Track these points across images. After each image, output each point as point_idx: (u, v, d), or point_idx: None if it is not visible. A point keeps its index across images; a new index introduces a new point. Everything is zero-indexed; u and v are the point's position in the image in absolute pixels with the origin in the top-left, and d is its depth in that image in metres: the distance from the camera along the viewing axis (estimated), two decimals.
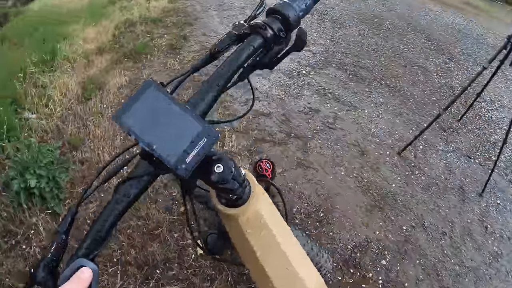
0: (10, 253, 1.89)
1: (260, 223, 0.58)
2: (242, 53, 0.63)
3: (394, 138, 2.96)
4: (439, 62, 4.70)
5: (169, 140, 0.45)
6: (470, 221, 2.39)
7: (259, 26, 0.65)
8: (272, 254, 0.59)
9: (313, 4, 0.71)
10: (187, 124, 0.47)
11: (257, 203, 0.58)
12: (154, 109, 0.46)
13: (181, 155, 0.45)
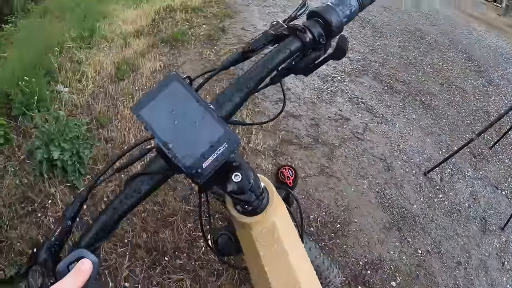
0: (25, 218, 1.95)
1: (274, 237, 0.55)
2: (277, 56, 0.60)
3: (422, 157, 2.88)
4: (477, 84, 4.53)
5: (187, 140, 0.43)
6: (488, 255, 2.30)
7: (299, 29, 0.61)
8: (280, 270, 0.56)
9: (358, 11, 0.67)
10: (209, 125, 0.44)
11: (274, 215, 0.54)
12: (175, 106, 0.44)
13: (198, 159, 0.42)
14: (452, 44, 5.90)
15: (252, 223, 0.53)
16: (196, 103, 0.44)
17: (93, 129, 2.49)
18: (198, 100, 0.44)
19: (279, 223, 0.55)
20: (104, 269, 1.75)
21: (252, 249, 0.56)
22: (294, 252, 0.57)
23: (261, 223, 0.53)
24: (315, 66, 0.66)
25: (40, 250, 0.45)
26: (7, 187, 2.07)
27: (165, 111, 0.44)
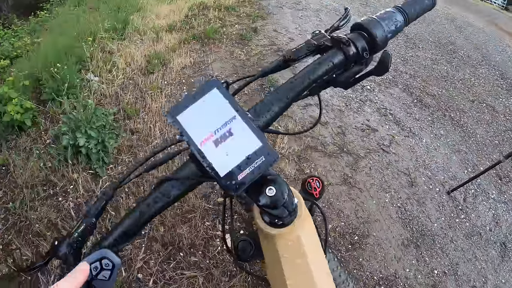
0: (45, 201, 2.02)
1: (299, 251, 0.54)
2: (319, 68, 0.58)
3: (447, 175, 2.81)
4: (509, 104, 4.39)
5: (224, 151, 0.43)
6: (505, 281, 2.22)
7: (343, 41, 0.58)
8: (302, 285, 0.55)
9: (404, 26, 0.64)
10: (247, 137, 0.43)
11: (301, 229, 0.53)
12: (214, 113, 0.43)
13: (233, 170, 0.42)
14: (485, 60, 5.76)
15: (278, 235, 0.52)
16: (235, 112, 0.44)
17: (120, 119, 2.54)
18: (238, 109, 0.44)
19: (305, 237, 0.54)
20: (120, 257, 1.78)
21: (276, 261, 0.55)
22: (317, 267, 0.56)
23: (287, 236, 0.52)
24: (356, 81, 0.63)
25: (62, 244, 0.45)
26: (31, 169, 2.14)
27: (202, 117, 0.43)
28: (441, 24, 7.09)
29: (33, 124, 2.47)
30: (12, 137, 2.41)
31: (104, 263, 0.44)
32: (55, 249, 0.45)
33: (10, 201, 2.01)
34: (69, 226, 1.88)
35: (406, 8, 0.65)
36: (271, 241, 0.55)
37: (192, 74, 3.23)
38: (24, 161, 2.20)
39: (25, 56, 3.62)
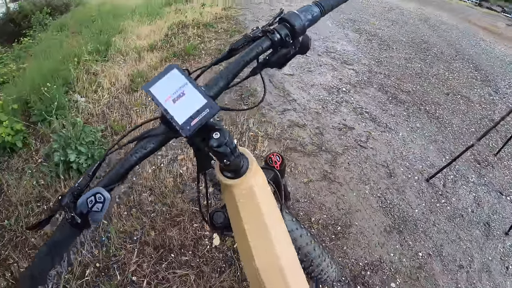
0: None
1: (252, 198, 0.67)
2: (251, 52, 0.72)
3: (425, 164, 2.93)
4: (483, 93, 4.57)
5: (181, 108, 0.57)
6: (491, 259, 2.31)
7: (269, 31, 0.73)
8: (256, 228, 0.66)
9: (320, 16, 0.80)
10: (197, 98, 0.58)
11: (252, 179, 0.66)
12: (173, 83, 0.59)
13: (188, 119, 0.56)
14: (459, 54, 5.97)
15: (234, 185, 0.65)
16: (189, 84, 0.59)
17: (107, 135, 2.64)
18: (191, 81, 0.59)
19: (257, 188, 0.67)
20: (113, 263, 1.85)
21: (234, 208, 0.67)
22: (269, 212, 0.69)
23: (241, 185, 0.66)
24: (286, 60, 0.78)
25: (64, 196, 0.55)
26: (24, 187, 2.22)
27: (166, 88, 0.58)
28: (415, 24, 7.33)
29: (24, 145, 2.57)
30: (4, 159, 2.50)
31: (97, 197, 0.54)
32: (59, 203, 0.56)
33: (5, 219, 2.08)
34: None
35: (323, 1, 0.80)
36: (229, 191, 0.67)
37: None
38: (18, 180, 2.28)
39: (12, 81, 3.72)
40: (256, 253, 0.66)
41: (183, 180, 2.34)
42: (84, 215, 0.54)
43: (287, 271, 0.68)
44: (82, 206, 0.53)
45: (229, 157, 0.61)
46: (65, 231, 0.54)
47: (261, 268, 0.66)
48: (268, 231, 0.67)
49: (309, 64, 4.31)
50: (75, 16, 7.03)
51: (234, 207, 0.67)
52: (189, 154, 2.53)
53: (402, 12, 8.35)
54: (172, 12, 6.00)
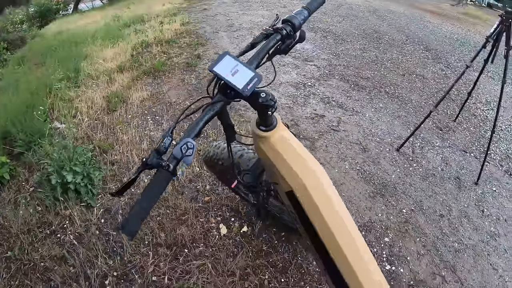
0: (45, 241, 2.15)
1: (286, 141, 0.99)
2: (269, 42, 1.04)
3: (393, 137, 3.22)
4: (436, 70, 4.97)
5: (238, 79, 0.84)
6: (467, 206, 2.59)
7: (279, 28, 1.06)
8: (295, 159, 0.97)
9: (308, 16, 1.15)
10: (247, 72, 0.85)
11: (282, 130, 0.97)
12: (228, 64, 0.86)
13: (245, 85, 0.83)
14: (409, 38, 6.39)
15: (269, 135, 0.96)
16: (239, 63, 0.86)
17: (97, 155, 2.74)
18: (241, 61, 0.87)
19: (287, 135, 0.99)
20: (131, 268, 1.96)
21: (274, 151, 0.97)
22: (303, 150, 1.00)
23: (275, 134, 0.96)
24: (290, 48, 1.10)
25: (149, 157, 0.73)
26: (22, 217, 2.27)
27: (225, 67, 0.85)
28: (364, 17, 7.75)
29: (12, 177, 2.60)
30: None
31: (188, 145, 0.73)
32: (145, 163, 0.73)
33: (8, 250, 2.10)
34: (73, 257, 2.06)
35: (309, 5, 1.15)
36: (266, 141, 0.97)
37: (152, 104, 3.50)
38: (13, 211, 2.32)
39: None
40: (301, 173, 0.93)
41: (180, 183, 2.50)
42: (177, 162, 0.73)
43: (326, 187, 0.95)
44: (177, 154, 0.73)
45: (272, 108, 0.90)
46: (160, 179, 0.72)
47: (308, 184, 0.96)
48: (304, 158, 0.93)
49: None
50: (34, 48, 7.03)
51: (273, 152, 0.92)
52: None
53: (351, 7, 8.80)
54: (132, 33, 6.13)
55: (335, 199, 1.01)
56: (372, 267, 1.05)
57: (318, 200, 0.96)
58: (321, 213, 0.97)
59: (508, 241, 2.37)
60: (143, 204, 0.69)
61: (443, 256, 2.18)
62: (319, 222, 0.98)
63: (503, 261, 2.23)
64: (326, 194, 0.98)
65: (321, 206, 0.97)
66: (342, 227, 1.00)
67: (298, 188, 0.96)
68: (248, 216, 2.26)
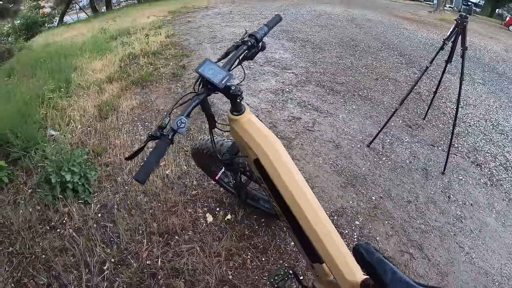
0: (46, 235, 2.32)
1: (253, 121, 1.28)
2: (238, 51, 1.34)
3: (364, 135, 3.50)
4: (408, 73, 5.32)
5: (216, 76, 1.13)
6: (434, 193, 2.85)
7: (245, 41, 1.37)
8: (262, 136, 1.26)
9: (268, 31, 1.46)
10: (222, 72, 1.14)
11: (249, 114, 1.28)
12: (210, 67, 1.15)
13: (220, 81, 1.12)
14: (384, 45, 6.75)
15: (240, 118, 1.26)
16: (217, 66, 1.16)
17: (91, 158, 2.96)
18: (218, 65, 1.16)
19: (253, 118, 1.28)
20: (127, 254, 2.17)
21: (244, 130, 1.26)
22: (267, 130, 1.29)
23: (245, 117, 1.26)
24: (254, 55, 1.42)
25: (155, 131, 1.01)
26: (23, 215, 2.43)
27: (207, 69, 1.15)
28: (342, 26, 8.12)
29: (10, 181, 2.76)
30: None
31: (182, 120, 1.02)
32: (149, 136, 1.01)
33: (10, 246, 2.24)
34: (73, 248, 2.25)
35: (269, 23, 1.49)
36: (238, 122, 1.26)
37: (141, 112, 3.73)
38: (13, 210, 2.47)
39: None
40: (263, 143, 1.24)
41: (170, 179, 2.74)
42: (174, 132, 1.02)
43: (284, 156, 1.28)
44: (174, 126, 1.01)
45: (240, 96, 1.20)
46: (162, 145, 0.99)
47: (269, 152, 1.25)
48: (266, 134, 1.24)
49: (254, 74, 4.86)
50: (22, 60, 7.16)
51: (243, 130, 1.26)
52: (170, 160, 2.93)
53: (330, 17, 9.17)
54: (119, 45, 6.38)
55: (291, 165, 1.27)
56: (333, 232, 1.24)
57: (278, 166, 1.23)
58: (280, 175, 1.23)
59: (474, 223, 2.62)
60: (150, 161, 0.96)
61: (410, 236, 2.42)
62: (281, 186, 1.24)
63: (469, 240, 2.47)
64: (284, 161, 1.26)
65: (281, 171, 1.23)
66: (301, 191, 1.24)
67: (261, 156, 1.24)
68: (231, 205, 2.50)
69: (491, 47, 8.98)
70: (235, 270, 2.09)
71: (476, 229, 2.58)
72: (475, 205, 2.81)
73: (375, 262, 0.85)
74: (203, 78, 1.17)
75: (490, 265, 2.32)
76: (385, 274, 0.82)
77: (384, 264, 0.84)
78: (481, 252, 2.41)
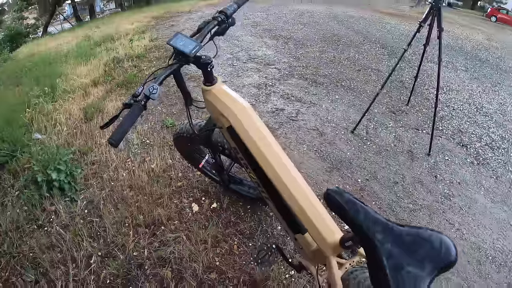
0: (33, 234, 2.30)
1: (225, 91, 1.30)
2: (209, 26, 1.35)
3: (348, 122, 3.54)
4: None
5: (187, 46, 1.15)
6: (420, 173, 2.90)
7: (215, 17, 1.38)
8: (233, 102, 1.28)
9: (237, 8, 1.47)
10: (193, 43, 1.16)
11: (221, 84, 1.30)
12: (181, 39, 1.17)
13: (191, 50, 1.14)
14: (366, 39, 6.82)
15: (212, 88, 1.28)
16: (189, 39, 1.18)
17: (78, 157, 2.95)
18: (189, 38, 1.18)
19: (225, 88, 1.30)
20: (113, 247, 2.16)
21: (218, 101, 1.28)
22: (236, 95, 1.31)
23: (217, 87, 1.28)
24: (225, 31, 1.43)
25: (128, 100, 1.03)
26: (10, 216, 2.41)
27: (178, 40, 1.16)
28: (325, 23, 8.19)
29: None
30: None
31: (154, 87, 1.03)
32: (124, 104, 1.04)
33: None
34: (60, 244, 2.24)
35: (238, 1, 1.50)
36: (210, 93, 1.28)
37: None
38: (1, 212, 2.45)
39: None
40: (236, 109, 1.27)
41: (155, 173, 2.73)
42: (146, 99, 1.03)
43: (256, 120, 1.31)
44: (146, 92, 1.03)
45: (210, 65, 1.24)
46: (135, 110, 1.01)
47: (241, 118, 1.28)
48: (238, 101, 1.25)
49: (237, 71, 4.88)
50: (7, 70, 7.16)
51: (215, 99, 1.28)
52: (155, 155, 2.93)
53: (312, 15, 9.25)
54: (104, 50, 6.37)
55: (264, 130, 1.30)
56: (311, 196, 1.26)
57: (251, 130, 1.25)
58: (253, 139, 1.24)
59: (463, 200, 2.67)
60: (124, 125, 0.98)
61: (398, 215, 2.46)
62: (254, 149, 1.25)
63: (459, 217, 2.51)
64: (256, 125, 1.28)
65: (252, 133, 1.25)
66: (276, 155, 1.25)
67: (234, 121, 1.25)
68: (216, 194, 2.51)
69: (472, 37, 9.13)
70: (222, 256, 2.09)
71: (465, 206, 2.62)
72: (462, 183, 2.86)
73: (346, 203, 0.85)
74: (175, 50, 1.18)
75: (482, 240, 2.36)
76: (357, 215, 0.83)
77: (355, 204, 0.84)
78: (472, 228, 2.45)
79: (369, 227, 0.81)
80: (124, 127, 0.97)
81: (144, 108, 1.03)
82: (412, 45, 3.00)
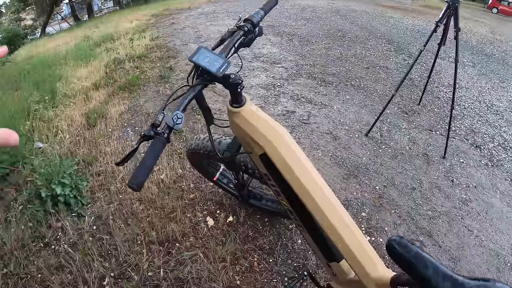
0: (40, 253, 2.19)
1: (255, 113, 1.13)
2: (234, 38, 1.19)
3: (361, 124, 3.43)
4: (398, 60, 5.27)
5: (213, 65, 0.99)
6: (437, 178, 2.81)
7: (241, 27, 1.21)
8: (267, 127, 1.13)
9: (264, 15, 1.31)
10: (219, 60, 1.01)
11: (251, 106, 1.13)
12: (205, 55, 1.01)
13: (217, 69, 0.98)
14: (372, 34, 6.70)
15: (241, 110, 1.11)
16: (213, 54, 1.02)
17: (82, 168, 2.83)
18: (214, 53, 1.02)
19: (256, 109, 1.14)
20: (126, 267, 2.06)
21: (248, 124, 1.12)
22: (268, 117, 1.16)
23: (246, 108, 1.12)
24: (252, 41, 1.28)
25: (146, 131, 0.87)
26: (14, 233, 2.30)
27: (202, 57, 1.00)
28: (328, 18, 8.06)
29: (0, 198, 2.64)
30: None
31: (178, 115, 0.88)
32: (142, 136, 0.88)
33: (4, 268, 2.11)
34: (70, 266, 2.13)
35: (264, 7, 1.34)
36: (239, 115, 1.12)
37: (130, 117, 3.60)
38: (5, 230, 2.34)
39: None
40: (270, 135, 1.12)
41: (165, 184, 2.62)
42: (169, 130, 0.88)
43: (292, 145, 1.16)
44: (169, 122, 0.87)
45: (240, 85, 1.07)
46: (157, 145, 0.85)
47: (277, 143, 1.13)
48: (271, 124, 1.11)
49: (243, 70, 4.75)
50: (6, 73, 7.01)
51: (245, 123, 1.12)
52: (164, 164, 2.82)
53: (314, 10, 9.11)
54: (104, 51, 6.23)
55: (302, 156, 1.16)
56: (353, 226, 1.14)
57: (289, 159, 1.12)
58: (292, 168, 1.12)
59: (480, 205, 2.59)
60: (145, 165, 0.83)
61: (418, 223, 2.37)
62: (292, 179, 1.13)
63: (477, 223, 2.43)
64: (293, 151, 1.14)
65: (290, 162, 1.12)
66: (316, 185, 1.14)
67: (269, 149, 1.12)
68: (232, 207, 2.40)
69: (476, 30, 9.02)
70: (242, 274, 1.99)
71: (483, 211, 2.54)
72: (478, 187, 2.78)
73: (413, 257, 0.78)
74: (198, 67, 1.03)
75: (500, 247, 2.29)
76: (426, 269, 0.76)
77: (424, 258, 0.77)
78: (490, 234, 2.37)
79: (438, 283, 0.74)
80: (146, 167, 0.82)
81: (167, 141, 0.88)
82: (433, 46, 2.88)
